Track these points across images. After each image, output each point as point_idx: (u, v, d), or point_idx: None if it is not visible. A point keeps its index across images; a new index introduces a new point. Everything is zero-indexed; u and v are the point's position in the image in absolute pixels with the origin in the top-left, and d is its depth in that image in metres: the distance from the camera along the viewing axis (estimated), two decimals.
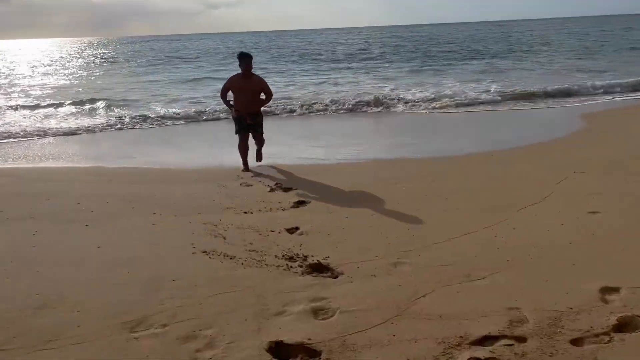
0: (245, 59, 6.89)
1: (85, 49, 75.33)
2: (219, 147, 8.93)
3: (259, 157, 7.49)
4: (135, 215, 5.18)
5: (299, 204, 5.49)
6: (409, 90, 15.87)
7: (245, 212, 5.17)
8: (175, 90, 18.41)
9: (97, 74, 29.49)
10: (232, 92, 7.13)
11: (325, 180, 6.41)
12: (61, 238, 4.58)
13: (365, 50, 41.55)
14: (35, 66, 37.09)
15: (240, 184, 6.39)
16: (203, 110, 12.71)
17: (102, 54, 56.33)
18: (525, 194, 5.40)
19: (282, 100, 13.73)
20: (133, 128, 11.32)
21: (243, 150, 7.25)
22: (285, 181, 6.48)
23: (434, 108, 13.06)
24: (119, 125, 11.44)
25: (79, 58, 46.00)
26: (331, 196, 5.72)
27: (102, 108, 14.08)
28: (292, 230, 4.62)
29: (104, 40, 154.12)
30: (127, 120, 11.89)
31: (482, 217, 4.71)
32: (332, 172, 6.89)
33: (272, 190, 6.09)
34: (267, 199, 5.66)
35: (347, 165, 7.39)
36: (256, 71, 7.41)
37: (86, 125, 11.40)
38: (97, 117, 12.86)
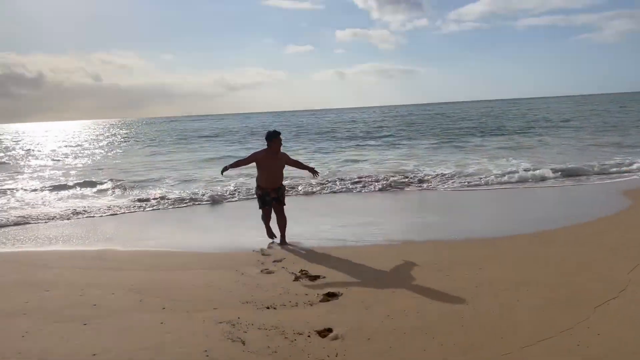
0: (275, 137, 6.90)
1: (110, 129, 78.23)
2: (238, 229, 8.38)
3: (282, 240, 7.17)
4: (143, 311, 4.50)
5: (329, 296, 4.76)
6: (432, 166, 15.45)
7: (268, 307, 4.46)
8: (195, 169, 18.28)
9: (119, 152, 29.98)
10: (258, 168, 7.06)
11: (355, 266, 5.72)
12: (52, 342, 3.89)
13: (382, 127, 42.04)
14: (59, 147, 38.11)
15: (261, 271, 5.71)
16: (223, 191, 12.29)
17: (125, 134, 58.15)
18: (595, 285, 4.61)
19: (304, 179, 13.29)
20: (151, 210, 10.88)
21: (267, 220, 7.33)
22: (312, 267, 5.80)
23: (463, 185, 12.46)
24: (136, 206, 11.03)
25: (102, 139, 47.35)
26: (365, 286, 5.00)
27: (119, 188, 13.81)
28: (324, 333, 3.86)
29: (128, 121, 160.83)
30: (145, 200, 11.50)
31: (553, 317, 3.91)
32: (362, 255, 6.18)
33: (296, 278, 5.40)
34: (292, 290, 4.96)
35: (378, 247, 6.70)
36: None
37: (103, 206, 11.01)
38: (114, 197, 12.54)
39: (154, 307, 4.56)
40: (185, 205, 11.19)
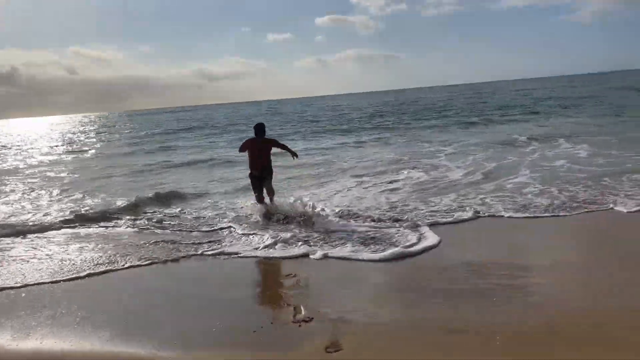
0: (259, 128, 8.67)
1: (86, 125, 73.97)
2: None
3: (271, 198, 8.67)
4: None
5: None
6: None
7: None
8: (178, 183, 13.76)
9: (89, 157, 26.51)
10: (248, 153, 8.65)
11: None
12: None
13: (378, 112, 39.29)
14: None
15: None
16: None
17: (102, 129, 54.37)
18: None
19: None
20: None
21: (258, 200, 8.73)
22: None
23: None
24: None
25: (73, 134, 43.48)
26: None
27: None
28: None
29: (108, 115, 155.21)
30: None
31: None
32: None
33: None
34: None
35: None
36: None
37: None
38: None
39: None
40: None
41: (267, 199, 8.86)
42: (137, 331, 4.42)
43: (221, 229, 8.17)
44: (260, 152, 8.62)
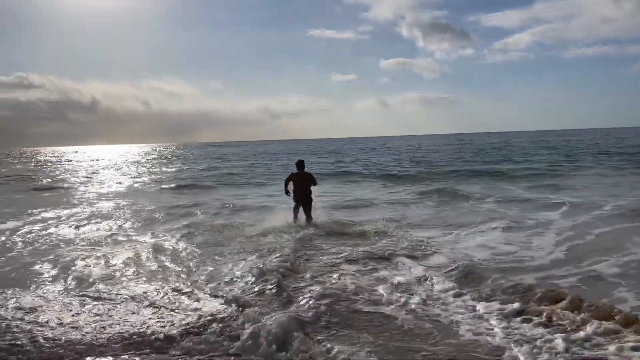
0: (299, 162, 10.58)
1: (149, 154, 78.39)
2: None
3: (308, 219, 10.22)
4: None
5: None
6: None
7: None
8: None
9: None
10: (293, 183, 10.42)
11: None
12: None
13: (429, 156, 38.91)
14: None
15: None
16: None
17: (170, 157, 57.83)
18: None
19: None
20: None
21: (295, 214, 10.34)
22: None
23: None
24: None
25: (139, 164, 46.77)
26: None
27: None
28: None
29: (175, 145, 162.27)
30: None
31: None
32: None
33: None
34: None
35: None
36: None
37: None
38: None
39: None
40: None
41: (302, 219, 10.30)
42: None
43: None
44: (301, 181, 10.20)
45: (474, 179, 20.09)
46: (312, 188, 10.29)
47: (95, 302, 5.30)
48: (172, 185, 22.02)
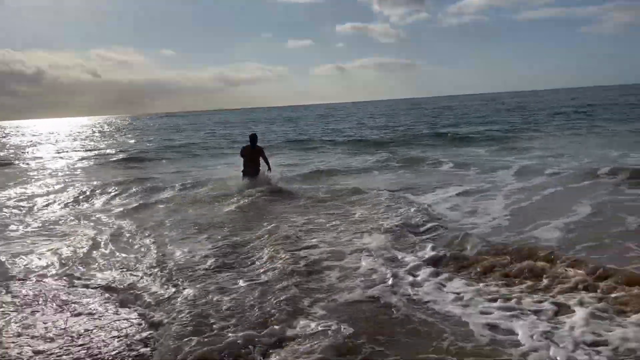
0: (252, 136, 10.60)
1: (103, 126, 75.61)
2: None
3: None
4: None
5: None
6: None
7: None
8: None
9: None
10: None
11: None
12: None
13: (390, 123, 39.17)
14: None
15: None
16: None
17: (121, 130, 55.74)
18: None
19: None
20: None
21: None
22: None
23: None
24: None
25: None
26: None
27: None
28: None
29: (124, 116, 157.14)
30: None
31: None
32: None
33: None
34: None
35: None
36: None
37: None
38: None
39: None
40: None
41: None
42: None
43: None
44: (251, 158, 10.40)
45: (434, 142, 20.22)
46: (264, 164, 10.35)
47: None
48: (120, 157, 21.25)
